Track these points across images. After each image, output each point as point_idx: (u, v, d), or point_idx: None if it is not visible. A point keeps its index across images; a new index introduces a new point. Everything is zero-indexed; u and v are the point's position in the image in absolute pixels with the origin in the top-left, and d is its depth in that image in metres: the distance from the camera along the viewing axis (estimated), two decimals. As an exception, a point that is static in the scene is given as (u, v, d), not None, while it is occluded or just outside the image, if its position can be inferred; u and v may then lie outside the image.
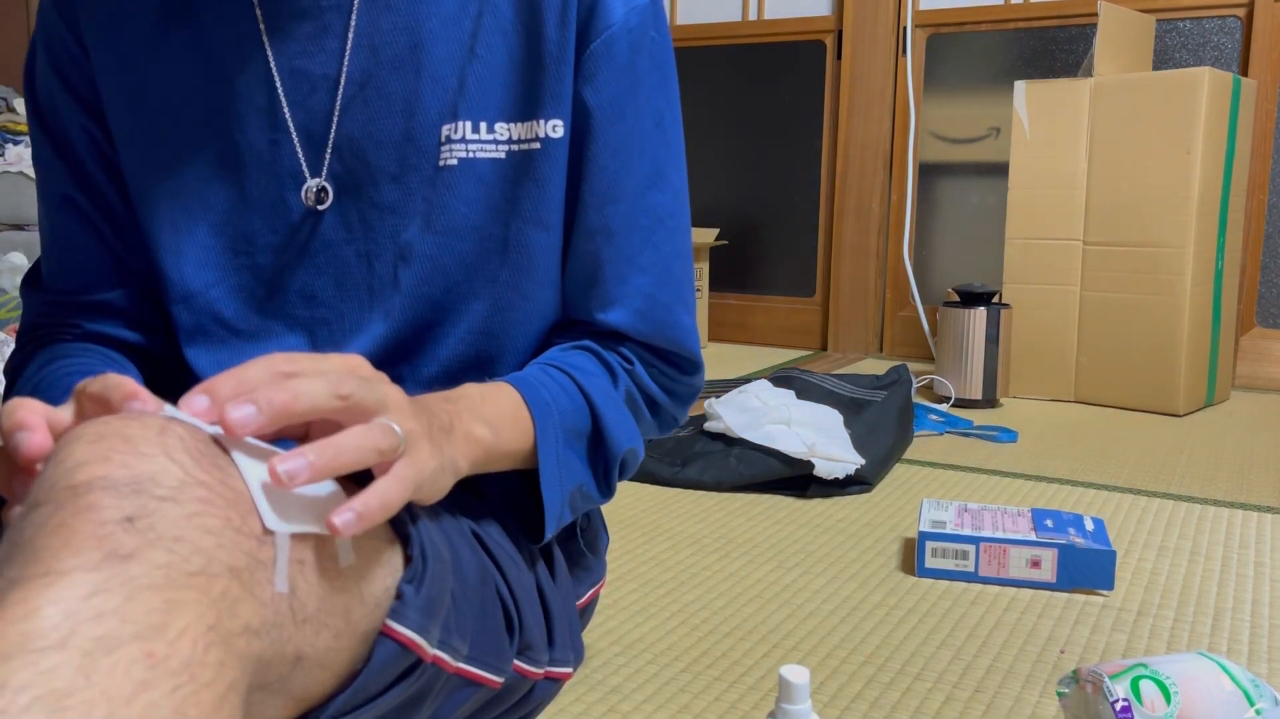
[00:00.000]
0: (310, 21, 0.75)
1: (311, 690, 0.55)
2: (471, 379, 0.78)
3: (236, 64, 0.75)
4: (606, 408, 0.77)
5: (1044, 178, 2.52)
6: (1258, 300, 2.81)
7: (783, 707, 0.67)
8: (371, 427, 0.54)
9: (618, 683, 1.05)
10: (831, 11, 3.25)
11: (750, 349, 3.37)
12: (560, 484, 0.74)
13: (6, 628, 0.41)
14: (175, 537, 0.46)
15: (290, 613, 0.50)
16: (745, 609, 1.25)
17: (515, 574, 0.73)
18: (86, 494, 0.45)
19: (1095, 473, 1.89)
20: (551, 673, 0.77)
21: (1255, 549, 1.48)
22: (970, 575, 1.33)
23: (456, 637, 0.64)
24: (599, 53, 0.76)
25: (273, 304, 0.78)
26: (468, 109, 0.75)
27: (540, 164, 0.76)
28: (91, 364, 0.79)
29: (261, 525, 0.49)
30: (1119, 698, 0.85)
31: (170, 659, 0.42)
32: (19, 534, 0.45)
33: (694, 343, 0.84)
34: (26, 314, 0.86)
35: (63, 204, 0.81)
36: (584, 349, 0.80)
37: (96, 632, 0.41)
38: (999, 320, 2.46)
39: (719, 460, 1.76)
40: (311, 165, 0.76)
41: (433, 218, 0.75)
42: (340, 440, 0.52)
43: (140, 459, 0.47)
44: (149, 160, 0.78)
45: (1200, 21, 2.79)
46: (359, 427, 0.53)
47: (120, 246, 0.81)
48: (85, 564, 0.43)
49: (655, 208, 0.80)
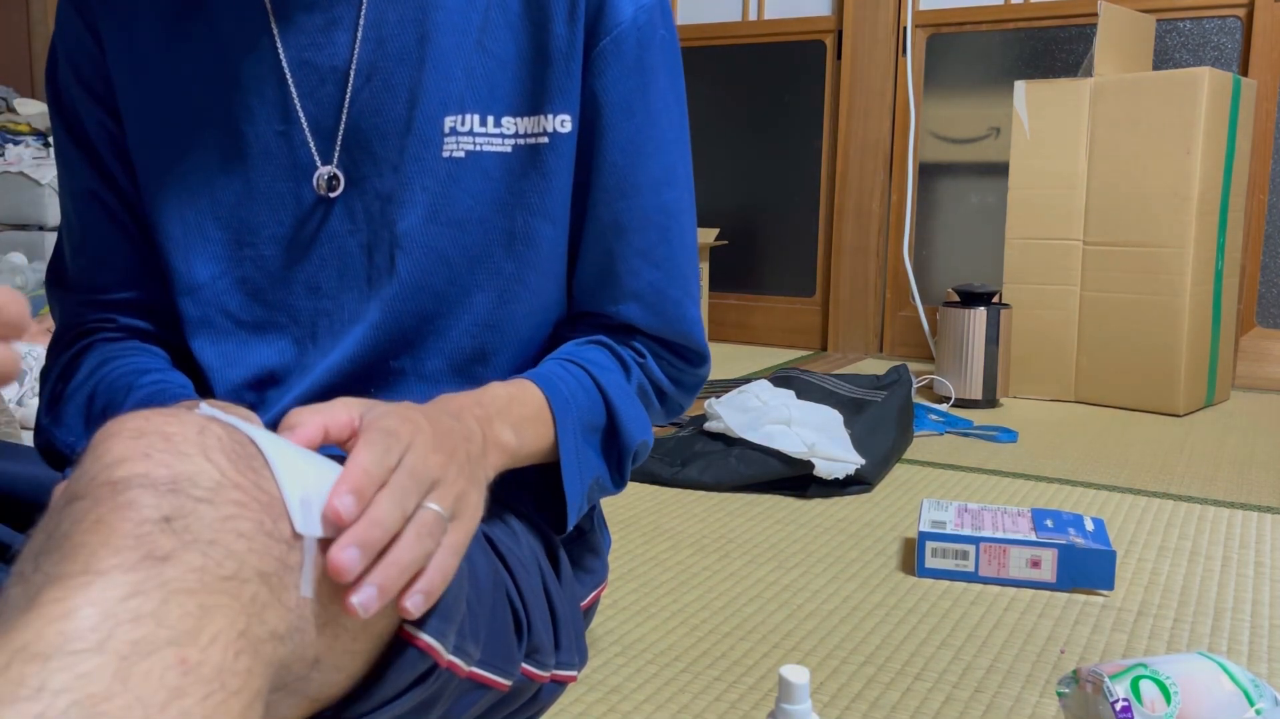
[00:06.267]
0: (320, 14, 0.75)
1: (326, 691, 0.55)
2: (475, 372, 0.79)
3: (246, 57, 0.76)
4: (621, 403, 0.80)
5: (1044, 178, 2.52)
6: (1258, 300, 2.81)
7: (783, 707, 0.67)
8: (421, 531, 0.55)
9: (618, 683, 1.05)
10: (831, 11, 3.25)
11: (750, 349, 3.37)
12: (580, 478, 0.76)
13: (45, 627, 0.41)
14: (210, 539, 0.46)
15: (312, 618, 0.51)
16: (745, 609, 1.25)
17: (524, 577, 0.74)
18: (125, 491, 0.45)
19: (1095, 473, 1.89)
20: (558, 675, 0.78)
21: (1255, 549, 1.48)
22: (970, 575, 1.33)
23: (470, 641, 0.64)
24: (608, 50, 0.77)
25: (276, 296, 0.78)
26: (474, 102, 0.76)
27: (547, 158, 0.77)
28: (144, 363, 0.80)
29: (290, 530, 0.49)
30: (1119, 698, 0.85)
31: (203, 666, 0.43)
32: (56, 526, 0.45)
33: (701, 335, 0.87)
34: (59, 315, 0.86)
35: (87, 201, 0.82)
36: (598, 344, 0.82)
37: (133, 635, 0.41)
38: (999, 320, 2.46)
39: (719, 460, 1.76)
40: (322, 156, 0.77)
41: (437, 209, 0.76)
42: (396, 556, 0.54)
43: (179, 459, 0.47)
44: (158, 154, 0.79)
45: (1200, 21, 2.79)
46: (410, 535, 0.55)
47: (145, 242, 0.82)
48: (123, 564, 0.43)
49: (666, 204, 0.81)
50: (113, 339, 0.83)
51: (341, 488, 0.52)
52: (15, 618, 0.42)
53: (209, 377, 0.79)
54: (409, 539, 0.54)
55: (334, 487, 0.52)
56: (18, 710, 0.38)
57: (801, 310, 3.39)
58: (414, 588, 0.55)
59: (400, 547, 0.54)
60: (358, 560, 0.51)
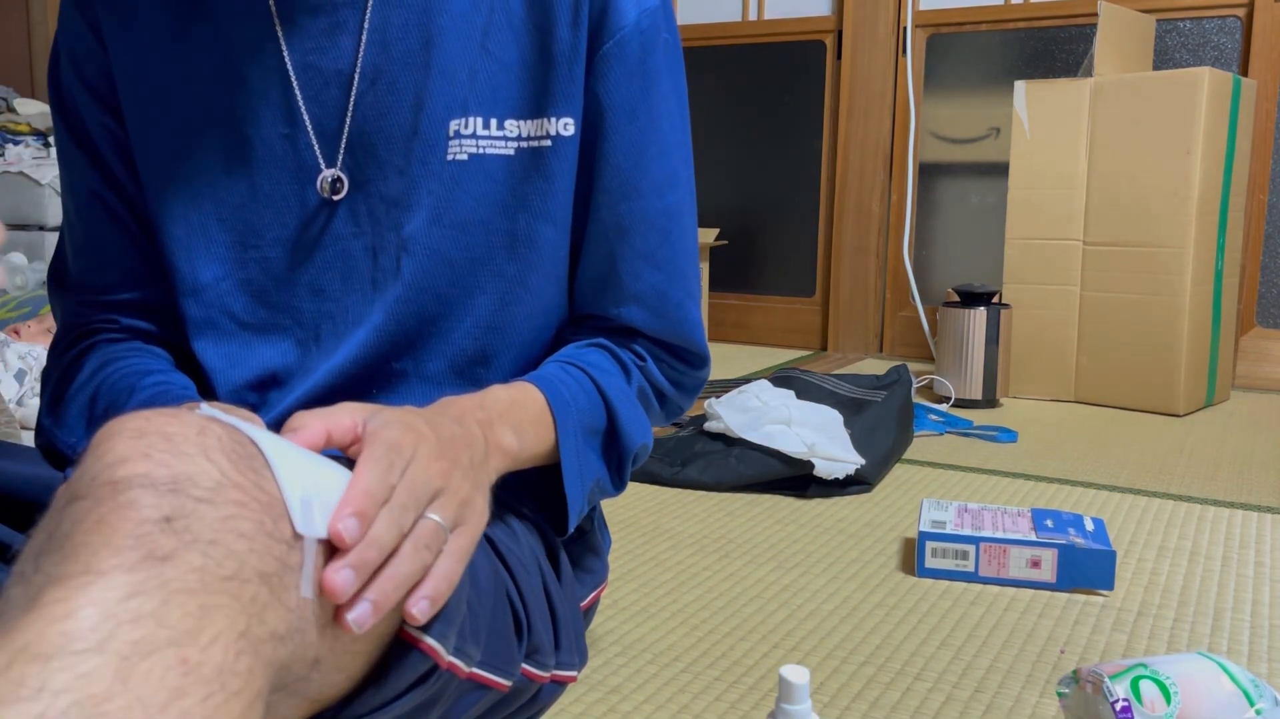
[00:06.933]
0: (324, 18, 0.76)
1: (326, 692, 0.55)
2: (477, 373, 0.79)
3: (251, 60, 0.76)
4: (622, 406, 0.80)
5: (1044, 178, 2.52)
6: (1258, 300, 2.81)
7: (783, 707, 0.67)
8: (419, 544, 0.55)
9: (618, 683, 1.05)
10: (831, 11, 3.25)
11: (750, 349, 3.37)
12: (581, 481, 0.77)
13: (46, 627, 0.41)
14: (210, 540, 0.46)
15: (313, 618, 0.51)
16: (745, 609, 1.25)
17: (524, 578, 0.74)
18: (126, 491, 0.45)
19: (1095, 473, 1.89)
20: (558, 676, 0.78)
21: (1255, 549, 1.48)
22: (970, 575, 1.33)
23: (471, 643, 0.64)
24: (611, 54, 0.77)
25: (280, 298, 0.78)
26: (478, 105, 0.76)
27: (550, 161, 0.77)
28: (147, 364, 0.80)
29: (291, 530, 0.50)
30: (1119, 698, 0.85)
31: (203, 666, 0.43)
32: (57, 526, 0.46)
33: (702, 338, 0.87)
34: (60, 315, 0.86)
35: (90, 201, 0.82)
36: (599, 347, 0.83)
37: (134, 635, 0.41)
38: (999, 320, 2.46)
39: (719, 460, 1.76)
40: (326, 159, 0.77)
41: (440, 211, 0.76)
42: (392, 571, 0.54)
43: (180, 459, 0.47)
44: (161, 155, 0.79)
45: (1200, 21, 2.79)
46: (407, 549, 0.55)
47: (147, 243, 0.82)
48: (124, 564, 0.43)
49: (668, 206, 0.82)
50: (115, 340, 0.83)
51: (345, 510, 0.52)
52: (16, 618, 0.42)
53: (211, 378, 0.79)
54: (406, 553, 0.55)
55: (337, 508, 0.52)
56: (18, 710, 0.38)
57: (801, 310, 3.39)
58: (419, 594, 0.55)
59: (397, 561, 0.54)
60: (352, 582, 0.51)
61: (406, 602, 0.55)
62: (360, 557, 0.52)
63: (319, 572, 0.51)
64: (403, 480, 0.56)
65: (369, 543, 0.52)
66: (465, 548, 0.59)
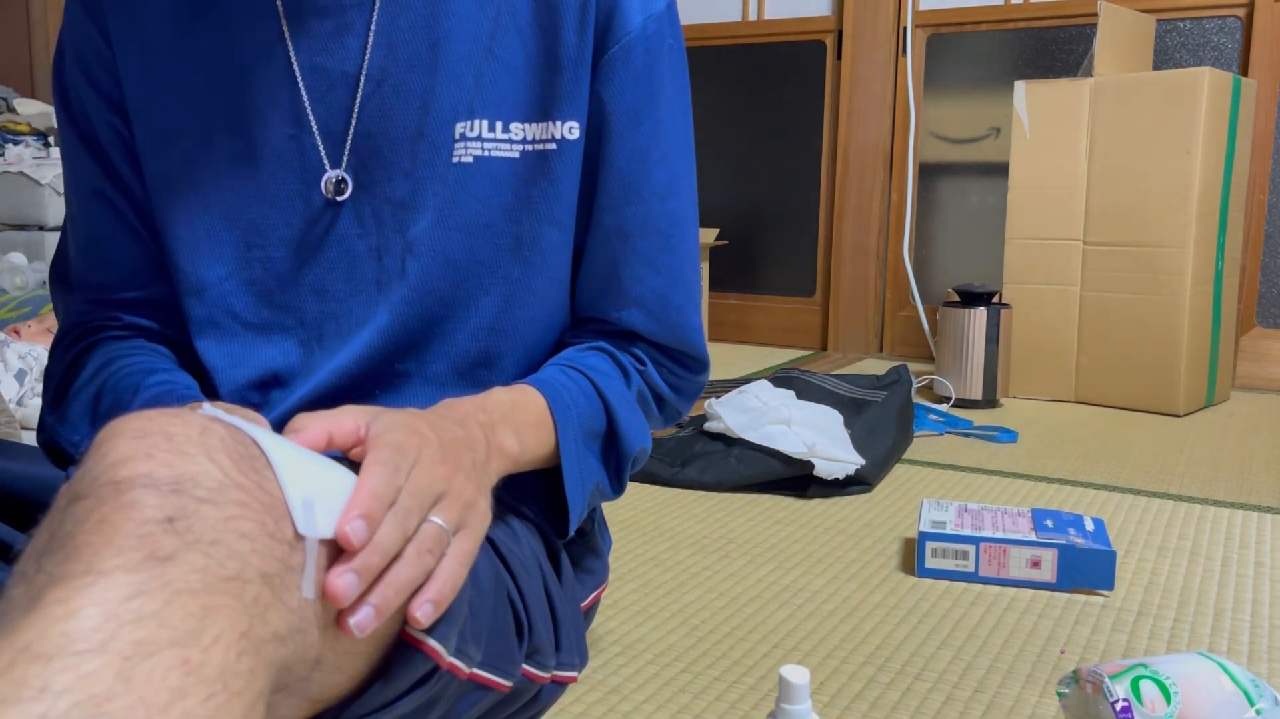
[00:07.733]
0: (331, 20, 0.76)
1: (327, 692, 0.55)
2: (480, 375, 0.79)
3: (258, 61, 0.76)
4: (621, 410, 0.80)
5: (1044, 178, 2.52)
6: (1258, 300, 2.81)
7: (783, 707, 0.67)
8: (421, 548, 0.56)
9: (618, 683, 1.05)
10: (831, 12, 3.25)
11: (750, 349, 3.37)
12: (582, 484, 0.77)
13: (48, 628, 0.41)
14: (213, 540, 0.46)
15: (314, 619, 0.51)
16: (745, 609, 1.25)
17: (525, 578, 0.74)
18: (128, 491, 0.45)
19: (1095, 473, 1.89)
20: (558, 676, 0.78)
21: (1255, 549, 1.48)
22: (970, 575, 1.33)
23: (472, 643, 0.65)
24: (617, 59, 0.77)
25: (284, 298, 0.79)
26: (484, 108, 0.76)
27: (555, 164, 0.77)
28: (150, 362, 0.80)
29: (293, 531, 0.50)
30: (1119, 698, 0.85)
31: (205, 667, 0.43)
32: (59, 526, 0.46)
33: (702, 343, 0.88)
34: (63, 314, 0.86)
35: (94, 199, 0.82)
36: (599, 350, 0.83)
37: (135, 635, 0.41)
38: (999, 320, 2.46)
39: (719, 460, 1.76)
40: (332, 160, 0.77)
41: (445, 214, 0.77)
42: (395, 576, 0.54)
43: (182, 458, 0.47)
44: (167, 154, 0.79)
45: (1200, 21, 2.79)
46: (410, 553, 0.55)
47: (151, 241, 0.82)
48: (126, 564, 0.43)
49: (671, 211, 0.82)
50: (118, 338, 0.83)
51: (352, 512, 0.52)
52: (18, 618, 0.42)
53: (214, 377, 0.79)
54: (409, 557, 0.55)
55: (345, 510, 0.52)
56: (20, 711, 0.38)
57: (801, 310, 3.39)
58: (423, 597, 0.55)
59: (400, 566, 0.54)
60: (355, 587, 0.51)
61: (410, 605, 0.55)
62: (364, 561, 0.52)
63: (321, 572, 0.51)
64: (407, 484, 0.56)
65: (373, 547, 0.53)
66: (468, 551, 0.59)
